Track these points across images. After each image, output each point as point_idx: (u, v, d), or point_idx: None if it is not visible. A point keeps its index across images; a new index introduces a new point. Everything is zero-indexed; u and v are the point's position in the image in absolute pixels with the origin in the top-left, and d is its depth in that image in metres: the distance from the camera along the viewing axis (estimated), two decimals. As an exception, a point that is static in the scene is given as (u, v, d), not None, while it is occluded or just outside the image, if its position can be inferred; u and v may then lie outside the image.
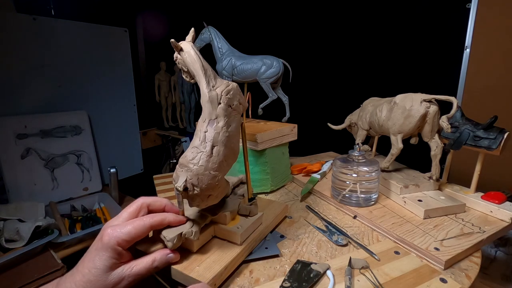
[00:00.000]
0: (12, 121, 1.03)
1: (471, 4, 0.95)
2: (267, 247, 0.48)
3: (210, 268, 0.39)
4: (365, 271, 0.43)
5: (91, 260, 0.35)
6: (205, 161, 0.38)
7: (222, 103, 0.41)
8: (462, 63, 0.99)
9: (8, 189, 1.01)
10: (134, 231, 0.36)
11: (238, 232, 0.44)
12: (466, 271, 0.44)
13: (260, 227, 0.50)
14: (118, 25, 1.34)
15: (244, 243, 0.45)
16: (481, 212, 0.59)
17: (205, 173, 0.38)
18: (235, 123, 0.43)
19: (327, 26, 1.41)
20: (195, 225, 0.42)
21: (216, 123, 0.40)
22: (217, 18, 1.01)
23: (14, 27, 1.04)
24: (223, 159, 0.40)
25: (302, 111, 1.01)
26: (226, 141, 0.40)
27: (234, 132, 0.43)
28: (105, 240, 0.35)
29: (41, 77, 1.12)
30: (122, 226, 0.36)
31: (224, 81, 0.43)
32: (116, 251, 0.35)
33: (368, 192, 0.60)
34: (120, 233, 0.35)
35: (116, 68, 1.36)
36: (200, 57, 0.43)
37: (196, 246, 0.43)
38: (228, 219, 0.47)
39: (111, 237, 0.35)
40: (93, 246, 0.36)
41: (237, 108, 0.43)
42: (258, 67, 0.77)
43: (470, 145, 0.60)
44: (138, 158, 1.52)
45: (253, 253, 0.46)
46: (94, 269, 0.34)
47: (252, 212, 0.50)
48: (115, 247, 0.35)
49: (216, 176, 0.39)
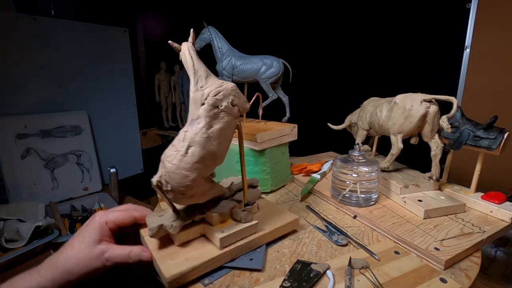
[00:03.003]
0: (12, 121, 1.03)
1: (471, 4, 0.95)
2: (252, 259, 0.45)
3: (181, 265, 0.40)
4: (365, 271, 0.43)
5: (81, 234, 0.42)
6: (178, 160, 0.39)
7: (206, 104, 0.40)
8: (462, 63, 0.99)
9: (8, 189, 1.01)
10: (121, 216, 0.44)
11: (218, 235, 0.43)
12: (466, 271, 0.44)
13: (252, 236, 0.47)
14: (118, 25, 1.35)
15: (225, 248, 0.43)
16: (481, 212, 0.59)
17: (176, 171, 0.39)
18: (220, 124, 0.41)
19: (327, 26, 1.41)
20: (178, 220, 0.43)
21: (197, 123, 0.40)
22: (217, 18, 1.01)
23: (14, 27, 1.04)
24: (197, 160, 0.39)
25: (302, 111, 1.01)
26: (203, 143, 0.39)
27: (217, 134, 0.41)
28: (96, 218, 0.43)
29: (41, 77, 1.12)
30: (111, 211, 0.45)
31: (218, 82, 0.42)
32: (103, 229, 0.42)
33: (368, 192, 0.60)
34: (110, 215, 0.43)
35: (116, 68, 1.36)
36: (193, 58, 0.43)
37: (178, 240, 0.44)
38: (216, 220, 0.46)
39: (101, 217, 0.43)
40: (83, 226, 0.43)
41: (227, 109, 0.41)
42: (258, 67, 0.77)
43: (470, 145, 0.60)
44: (138, 158, 1.52)
45: (235, 260, 0.44)
46: (83, 241, 0.41)
47: (244, 219, 0.47)
48: (103, 225, 0.42)
49: (187, 176, 0.39)
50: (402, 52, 1.16)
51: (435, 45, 1.06)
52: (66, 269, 0.39)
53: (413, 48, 1.13)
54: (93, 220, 0.43)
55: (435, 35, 1.06)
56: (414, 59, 1.13)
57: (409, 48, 1.14)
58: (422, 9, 1.08)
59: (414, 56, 1.12)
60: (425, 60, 1.10)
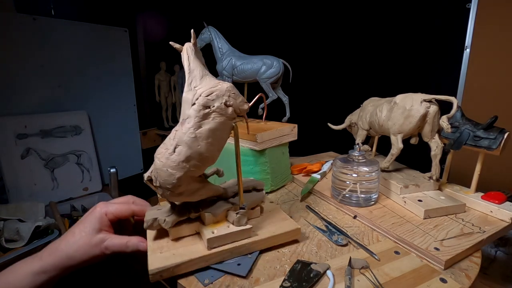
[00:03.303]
0: (12, 121, 1.03)
1: (471, 4, 0.95)
2: (240, 264, 0.43)
3: (166, 259, 0.41)
4: (365, 271, 0.43)
5: (82, 223, 0.44)
6: (166, 158, 0.40)
7: (196, 104, 0.40)
8: (462, 63, 0.99)
9: (8, 189, 1.01)
10: (120, 209, 0.46)
11: (207, 236, 0.43)
12: (466, 271, 0.44)
13: (244, 241, 0.45)
14: (118, 25, 1.34)
15: (214, 249, 0.43)
16: (481, 212, 0.59)
17: (163, 169, 0.40)
18: (210, 125, 0.41)
19: (327, 26, 1.41)
20: (172, 215, 0.45)
21: (186, 123, 0.40)
22: (217, 18, 1.01)
23: (14, 27, 1.04)
24: (183, 159, 0.39)
25: (302, 111, 1.01)
26: (190, 143, 0.39)
27: (206, 134, 0.40)
28: (97, 209, 0.45)
29: (41, 77, 1.12)
30: (111, 203, 0.47)
31: (213, 82, 0.42)
32: (103, 219, 0.44)
33: (368, 192, 0.60)
34: (110, 207, 0.46)
35: (116, 68, 1.36)
36: (189, 58, 0.43)
37: (171, 235, 0.46)
38: (208, 220, 0.46)
39: (102, 207, 0.45)
40: (84, 216, 0.45)
41: (220, 110, 0.41)
42: (258, 67, 0.78)
43: (470, 145, 0.60)
44: (138, 158, 1.52)
45: (223, 263, 0.44)
46: (84, 230, 0.43)
47: (237, 222, 0.46)
48: (103, 215, 0.44)
49: (173, 175, 0.39)
50: (402, 52, 1.16)
51: (435, 45, 1.06)
52: (67, 254, 0.41)
53: (413, 48, 1.13)
54: (94, 210, 0.45)
55: (435, 35, 1.06)
56: (414, 59, 1.13)
57: (409, 48, 1.14)
58: (422, 9, 1.08)
59: (414, 56, 1.12)
60: (425, 60, 1.10)
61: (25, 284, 0.39)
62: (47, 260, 0.41)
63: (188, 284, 0.40)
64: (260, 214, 0.53)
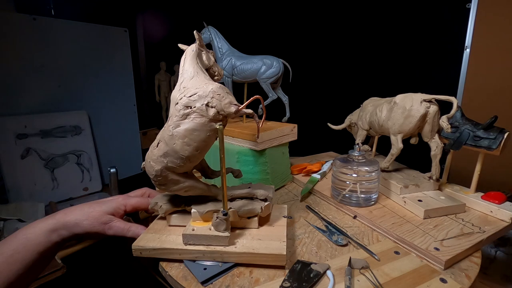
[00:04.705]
0: (12, 121, 1.03)
1: (471, 4, 0.95)
2: (206, 269, 0.42)
3: (151, 241, 0.45)
4: (365, 271, 0.43)
5: (102, 202, 0.50)
6: (150, 151, 0.45)
7: (179, 104, 0.42)
8: (462, 63, 0.99)
9: (8, 189, 1.01)
10: (139, 202, 0.53)
11: (185, 231, 0.45)
12: (466, 271, 0.44)
13: (219, 248, 0.44)
14: (118, 25, 1.34)
15: (188, 246, 0.44)
16: (481, 212, 0.59)
17: (148, 160, 0.44)
18: (188, 125, 0.41)
19: (327, 26, 1.41)
20: (168, 204, 0.49)
21: (169, 121, 0.43)
22: (217, 18, 1.01)
23: (14, 27, 1.04)
24: (161, 154, 0.43)
25: (302, 111, 1.01)
26: (168, 140, 0.42)
27: (182, 134, 0.41)
28: (119, 200, 0.51)
29: (41, 77, 1.12)
30: (132, 197, 0.54)
31: (201, 83, 0.43)
32: (119, 209, 0.50)
33: (368, 192, 0.60)
34: (131, 200, 0.52)
35: (116, 68, 1.36)
36: (185, 59, 0.46)
37: (168, 221, 0.50)
38: (193, 216, 0.48)
39: (124, 199, 0.51)
40: (105, 199, 0.51)
41: (200, 111, 0.41)
42: (258, 67, 0.77)
43: (470, 145, 0.60)
44: (138, 158, 1.52)
45: (195, 262, 0.44)
46: (99, 208, 0.48)
47: (215, 227, 0.45)
48: (121, 207, 0.50)
49: (152, 167, 0.43)
50: (402, 52, 1.16)
51: (435, 45, 1.06)
52: (76, 220, 0.45)
53: (413, 48, 1.12)
54: (116, 199, 0.51)
55: (435, 35, 1.06)
56: (414, 59, 1.13)
57: (409, 48, 1.14)
58: (422, 9, 1.08)
59: (414, 56, 1.12)
60: (425, 60, 1.09)
61: (41, 240, 0.42)
62: (60, 220, 0.45)
63: (188, 284, 0.41)
64: (259, 226, 0.49)
